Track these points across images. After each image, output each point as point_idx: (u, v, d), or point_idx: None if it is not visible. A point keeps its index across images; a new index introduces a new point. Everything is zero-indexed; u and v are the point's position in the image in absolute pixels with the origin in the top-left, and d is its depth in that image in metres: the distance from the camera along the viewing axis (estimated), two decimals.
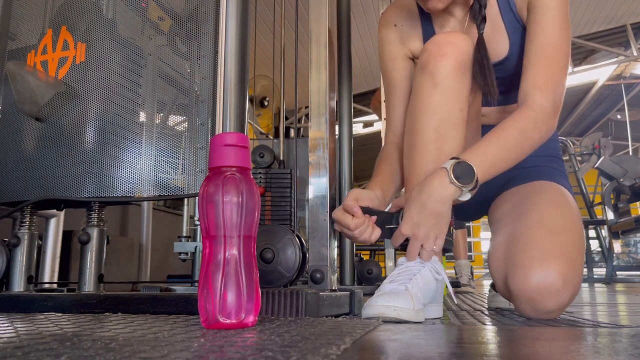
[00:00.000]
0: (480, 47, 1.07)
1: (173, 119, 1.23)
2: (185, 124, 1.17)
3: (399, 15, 1.22)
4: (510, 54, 1.14)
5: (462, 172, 0.94)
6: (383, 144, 1.27)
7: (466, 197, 0.97)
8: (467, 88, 1.04)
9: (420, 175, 1.02)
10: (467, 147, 1.07)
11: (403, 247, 1.02)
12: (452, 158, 0.97)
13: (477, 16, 1.08)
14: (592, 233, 5.77)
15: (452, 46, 1.02)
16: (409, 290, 0.92)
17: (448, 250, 1.06)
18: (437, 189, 0.95)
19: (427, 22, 1.21)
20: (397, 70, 1.23)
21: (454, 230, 1.07)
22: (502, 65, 1.15)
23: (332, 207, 1.11)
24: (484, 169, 0.96)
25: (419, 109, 1.04)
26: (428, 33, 1.20)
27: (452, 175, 0.94)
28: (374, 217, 1.03)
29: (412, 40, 1.22)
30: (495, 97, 1.08)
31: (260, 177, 1.47)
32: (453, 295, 1.09)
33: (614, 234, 5.12)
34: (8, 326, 0.71)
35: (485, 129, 1.25)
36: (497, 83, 1.18)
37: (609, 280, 4.95)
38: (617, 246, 5.19)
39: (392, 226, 1.02)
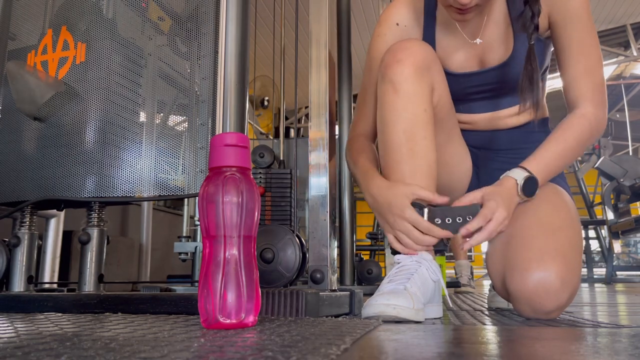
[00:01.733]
0: (532, 60, 1.06)
1: (173, 119, 1.23)
2: (186, 124, 1.17)
3: (404, 15, 1.20)
4: (510, 59, 1.13)
5: (529, 187, 1.04)
6: (350, 137, 1.25)
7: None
8: (428, 89, 1.05)
9: (398, 178, 1.03)
10: (439, 147, 1.09)
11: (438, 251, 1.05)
12: (521, 167, 1.05)
13: (529, 25, 1.05)
14: (592, 233, 5.77)
15: (407, 52, 1.04)
16: (408, 290, 0.92)
17: (441, 251, 1.06)
18: (508, 197, 1.02)
19: (430, 25, 1.19)
20: None
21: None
22: (500, 70, 1.14)
23: (332, 207, 1.10)
24: (543, 178, 1.06)
25: (385, 115, 1.06)
26: (428, 36, 1.18)
27: (519, 190, 1.03)
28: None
29: None
30: (535, 114, 1.13)
31: (260, 177, 1.47)
32: (449, 300, 1.09)
33: (614, 234, 5.12)
34: (8, 326, 0.71)
35: (476, 134, 1.26)
36: (490, 88, 1.18)
37: (609, 280, 4.95)
38: (617, 246, 5.20)
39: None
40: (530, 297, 0.96)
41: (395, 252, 1.03)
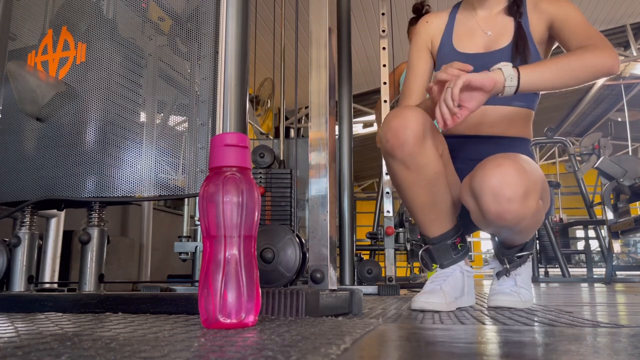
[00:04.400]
0: (521, 34, 1.31)
1: (173, 119, 1.23)
2: (186, 124, 1.17)
3: (432, 17, 1.48)
4: (504, 49, 1.34)
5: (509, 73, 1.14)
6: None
7: (508, 90, 1.12)
8: (432, 150, 1.21)
9: (427, 220, 1.28)
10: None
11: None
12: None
13: (516, 13, 1.34)
14: (591, 233, 5.77)
15: (408, 131, 1.17)
16: (442, 289, 1.24)
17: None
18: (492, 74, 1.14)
19: (452, 21, 1.44)
20: (420, 62, 1.47)
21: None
22: (492, 57, 1.33)
23: (332, 207, 1.11)
24: (527, 73, 1.12)
25: (403, 187, 1.25)
26: (447, 32, 1.43)
27: (504, 74, 1.13)
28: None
29: (434, 34, 1.47)
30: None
31: (260, 177, 1.47)
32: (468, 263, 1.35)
33: (614, 234, 5.11)
34: (8, 326, 0.71)
35: (468, 138, 1.40)
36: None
37: (609, 280, 4.95)
38: (617, 246, 5.19)
39: None
40: (492, 187, 1.09)
41: (442, 267, 1.30)
